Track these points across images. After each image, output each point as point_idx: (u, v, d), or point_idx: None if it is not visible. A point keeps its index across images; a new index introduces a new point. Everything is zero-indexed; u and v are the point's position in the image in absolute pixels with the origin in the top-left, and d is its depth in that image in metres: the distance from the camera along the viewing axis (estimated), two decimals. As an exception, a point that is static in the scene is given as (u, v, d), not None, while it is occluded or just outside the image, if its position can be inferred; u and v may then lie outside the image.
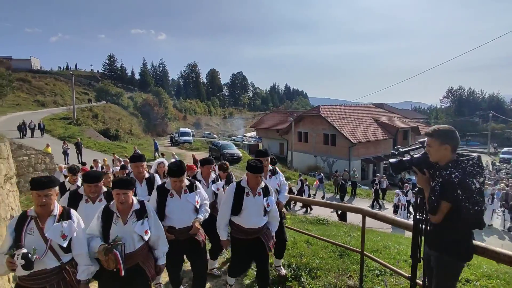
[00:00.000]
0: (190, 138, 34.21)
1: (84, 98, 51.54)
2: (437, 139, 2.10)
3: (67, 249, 2.45)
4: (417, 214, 2.27)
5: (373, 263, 3.81)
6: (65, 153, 17.04)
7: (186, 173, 3.33)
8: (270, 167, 4.10)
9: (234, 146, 26.69)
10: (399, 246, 5.13)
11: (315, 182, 17.62)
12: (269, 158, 4.06)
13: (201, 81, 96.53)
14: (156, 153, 21.00)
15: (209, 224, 3.63)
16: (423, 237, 2.24)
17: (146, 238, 2.73)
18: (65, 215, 2.49)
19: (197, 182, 3.51)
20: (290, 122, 28.56)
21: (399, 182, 18.41)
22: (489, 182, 18.06)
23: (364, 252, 3.53)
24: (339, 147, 26.10)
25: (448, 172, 2.03)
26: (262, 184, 3.29)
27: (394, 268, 3.21)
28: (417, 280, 2.38)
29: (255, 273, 3.68)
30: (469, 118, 63.76)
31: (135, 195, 3.08)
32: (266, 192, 3.29)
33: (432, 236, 2.19)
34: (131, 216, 2.70)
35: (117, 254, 2.51)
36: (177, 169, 3.16)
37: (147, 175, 4.06)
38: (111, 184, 2.80)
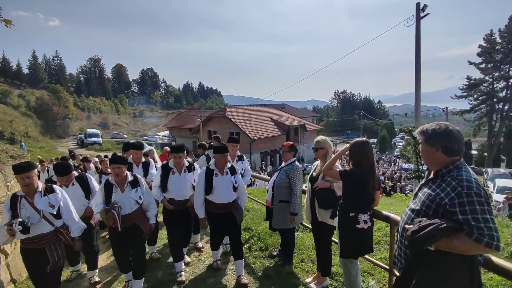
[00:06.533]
0: (99, 139, 33.81)
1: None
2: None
3: (57, 216, 2.94)
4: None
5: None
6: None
7: (185, 153, 3.97)
8: (238, 153, 4.73)
9: (147, 145, 28.37)
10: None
11: None
12: (238, 145, 4.74)
13: (106, 76, 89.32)
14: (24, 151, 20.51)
15: None
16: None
17: (140, 202, 3.36)
18: (49, 190, 2.97)
19: (195, 164, 4.07)
20: (199, 123, 31.75)
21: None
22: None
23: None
24: (242, 143, 30.43)
25: None
26: (229, 165, 3.70)
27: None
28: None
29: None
30: (350, 116, 78.30)
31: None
32: (232, 171, 3.68)
33: None
34: (126, 186, 3.31)
35: (114, 213, 3.09)
36: (178, 147, 3.87)
37: (143, 159, 4.72)
38: (109, 162, 3.58)
